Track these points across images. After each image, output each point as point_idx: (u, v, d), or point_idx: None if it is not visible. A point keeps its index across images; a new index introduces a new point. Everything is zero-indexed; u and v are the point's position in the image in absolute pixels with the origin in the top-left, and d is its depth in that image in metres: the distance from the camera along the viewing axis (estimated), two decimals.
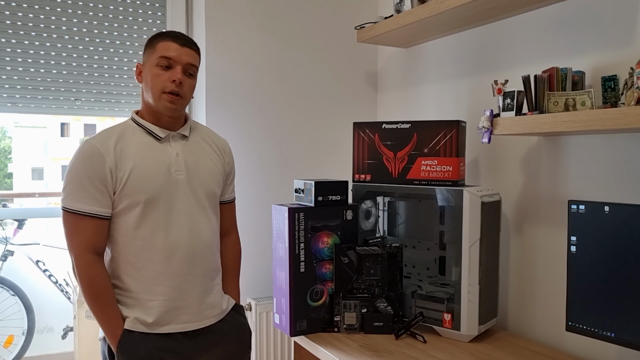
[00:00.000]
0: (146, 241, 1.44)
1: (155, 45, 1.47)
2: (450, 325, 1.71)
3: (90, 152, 1.41)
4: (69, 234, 1.41)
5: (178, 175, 1.49)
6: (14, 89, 2.12)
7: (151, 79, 1.45)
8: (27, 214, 3.56)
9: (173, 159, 1.49)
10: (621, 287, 1.34)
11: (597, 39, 1.60)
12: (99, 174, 1.40)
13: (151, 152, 1.47)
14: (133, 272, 1.45)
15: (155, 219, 1.45)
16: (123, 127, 1.50)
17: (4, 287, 3.25)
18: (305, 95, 2.48)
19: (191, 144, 1.56)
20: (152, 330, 1.45)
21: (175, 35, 1.48)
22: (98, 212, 1.41)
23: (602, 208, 1.38)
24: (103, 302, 1.42)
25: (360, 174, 1.96)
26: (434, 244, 1.91)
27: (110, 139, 1.45)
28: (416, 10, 1.95)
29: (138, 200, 1.43)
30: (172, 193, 1.47)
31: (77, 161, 1.42)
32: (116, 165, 1.42)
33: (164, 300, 1.46)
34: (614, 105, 1.43)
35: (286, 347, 2.35)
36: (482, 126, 1.66)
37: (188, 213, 1.49)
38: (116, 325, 1.42)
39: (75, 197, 1.40)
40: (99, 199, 1.41)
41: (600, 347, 1.60)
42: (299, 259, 1.76)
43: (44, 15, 2.15)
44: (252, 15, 2.34)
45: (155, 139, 1.49)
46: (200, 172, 1.54)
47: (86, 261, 1.40)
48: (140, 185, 1.43)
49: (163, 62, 1.45)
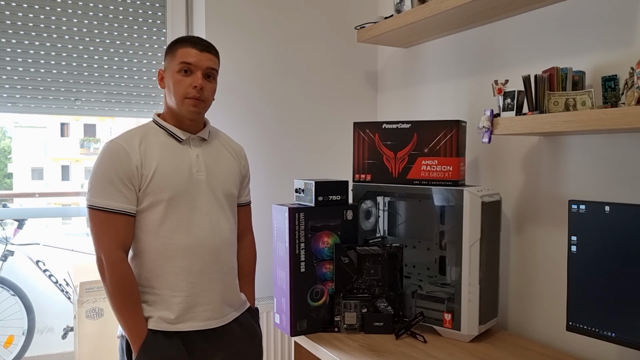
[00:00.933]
0: (169, 238, 1.48)
1: (176, 51, 1.50)
2: (451, 325, 1.71)
3: (117, 151, 1.45)
4: (99, 232, 1.43)
5: (199, 175, 1.53)
6: (14, 89, 2.12)
7: (173, 85, 1.49)
8: (27, 214, 3.56)
9: (194, 160, 1.54)
10: (622, 286, 1.34)
11: (597, 39, 1.60)
12: (126, 171, 1.44)
13: (173, 152, 1.52)
14: (156, 269, 1.48)
15: (178, 216, 1.48)
16: (145, 128, 1.54)
17: (4, 287, 3.25)
18: (305, 95, 2.48)
19: (210, 147, 1.61)
20: (174, 327, 1.47)
21: (194, 41, 1.51)
22: (127, 209, 1.44)
23: (602, 208, 1.38)
24: (131, 300, 1.44)
25: (360, 173, 1.96)
26: (434, 244, 1.91)
27: (134, 139, 1.49)
28: (416, 10, 1.95)
29: (162, 198, 1.46)
30: (193, 192, 1.51)
31: (104, 160, 1.45)
32: (142, 163, 1.46)
33: (186, 296, 1.49)
34: (614, 105, 1.43)
35: (286, 347, 2.35)
36: (483, 126, 1.66)
37: (209, 212, 1.54)
38: (142, 325, 1.44)
39: (105, 195, 1.42)
40: (128, 196, 1.44)
41: (600, 347, 1.60)
42: (299, 258, 1.76)
43: (44, 16, 2.15)
44: (252, 16, 2.34)
45: (177, 140, 1.54)
46: (219, 173, 1.59)
47: (118, 258, 1.42)
48: (165, 184, 1.47)
49: (184, 68, 1.48)
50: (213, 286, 1.54)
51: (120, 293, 1.42)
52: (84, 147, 18.95)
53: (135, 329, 1.43)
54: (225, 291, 1.57)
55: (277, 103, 2.41)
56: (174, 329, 1.47)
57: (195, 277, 1.50)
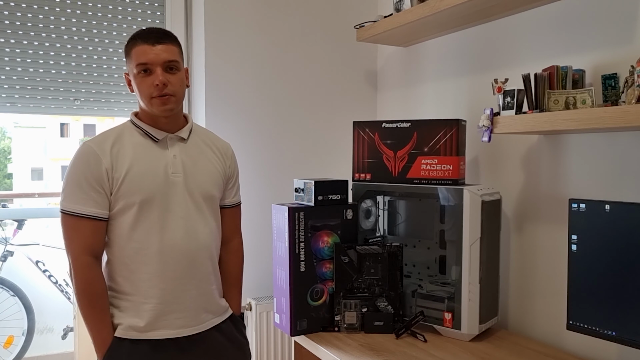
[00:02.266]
0: (141, 243, 1.43)
1: (131, 52, 1.44)
2: (451, 325, 1.71)
3: (87, 154, 1.41)
4: (67, 236, 1.41)
5: (175, 177, 1.47)
6: (13, 89, 2.12)
7: (137, 87, 1.45)
8: (27, 215, 3.56)
9: (170, 161, 1.48)
10: (622, 285, 1.34)
11: (597, 37, 1.60)
12: (95, 174, 1.40)
13: (148, 153, 1.46)
14: (127, 275, 1.44)
15: (151, 220, 1.43)
16: (121, 128, 1.50)
17: (4, 287, 3.25)
18: (304, 95, 2.47)
19: (190, 147, 1.54)
20: (144, 335, 1.42)
21: (145, 36, 1.43)
22: (95, 213, 1.41)
23: (602, 207, 1.38)
24: (97, 306, 1.40)
25: (360, 173, 1.96)
26: (434, 243, 1.91)
27: (107, 141, 1.44)
28: (416, 9, 1.95)
29: (133, 201, 1.41)
30: (168, 195, 1.45)
31: (75, 163, 1.42)
32: (112, 166, 1.41)
33: (158, 303, 1.44)
34: (614, 104, 1.43)
35: (286, 347, 2.35)
36: (482, 125, 1.65)
37: (185, 215, 1.47)
38: (106, 332, 1.41)
39: (73, 199, 1.40)
40: (97, 200, 1.40)
41: (600, 345, 1.60)
42: (299, 258, 1.76)
43: (43, 15, 2.14)
44: (252, 15, 2.33)
45: (153, 140, 1.48)
46: (198, 174, 1.52)
47: (83, 263, 1.39)
48: (136, 187, 1.42)
49: (142, 69, 1.42)
50: (187, 293, 1.47)
51: (85, 298, 1.39)
52: None
53: (99, 336, 1.40)
54: (202, 297, 1.51)
55: (277, 102, 2.41)
56: (143, 337, 1.42)
57: (168, 284, 1.45)
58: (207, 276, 1.53)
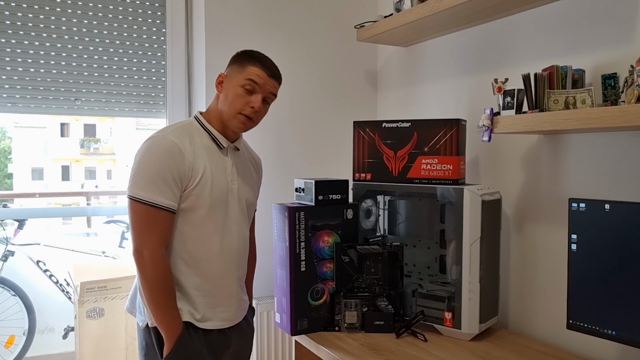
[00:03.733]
0: (203, 242, 1.50)
1: (245, 66, 1.51)
2: (451, 324, 1.71)
3: (172, 148, 1.44)
4: (144, 226, 1.42)
5: (232, 184, 1.57)
6: (14, 89, 2.12)
7: (233, 97, 1.50)
8: (28, 214, 3.56)
9: (229, 169, 1.57)
10: (622, 285, 1.34)
11: (597, 37, 1.60)
12: (180, 169, 1.43)
13: (216, 158, 1.54)
14: (183, 269, 1.50)
15: (214, 222, 1.51)
16: (190, 128, 1.53)
17: (5, 287, 3.25)
18: (305, 94, 2.47)
19: (241, 157, 1.65)
20: (199, 324, 1.51)
21: (266, 64, 1.53)
22: (173, 206, 1.44)
23: (602, 206, 1.38)
24: (170, 296, 1.45)
25: (360, 173, 1.96)
26: (435, 243, 1.91)
27: (184, 138, 1.48)
28: (416, 9, 1.95)
29: (204, 202, 1.48)
30: (228, 200, 1.55)
31: (157, 154, 1.43)
32: (193, 164, 1.46)
33: (210, 297, 1.53)
34: (614, 103, 1.43)
35: (287, 346, 2.35)
36: (483, 125, 1.66)
37: (238, 220, 1.58)
38: (178, 320, 1.46)
39: (154, 190, 1.41)
40: (176, 193, 1.44)
41: (601, 345, 1.60)
42: (300, 258, 1.76)
43: (44, 16, 2.15)
44: (252, 15, 2.34)
45: (218, 146, 1.56)
46: (246, 183, 1.64)
47: (162, 255, 1.43)
48: (209, 188, 1.48)
49: (248, 86, 1.49)
50: (233, 290, 1.59)
51: (161, 289, 1.43)
52: (84, 147, 18.94)
53: (172, 324, 1.45)
54: (240, 294, 1.63)
55: (277, 102, 2.40)
56: (199, 325, 1.51)
57: (220, 281, 1.55)
58: (244, 275, 1.67)
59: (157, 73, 2.37)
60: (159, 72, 2.37)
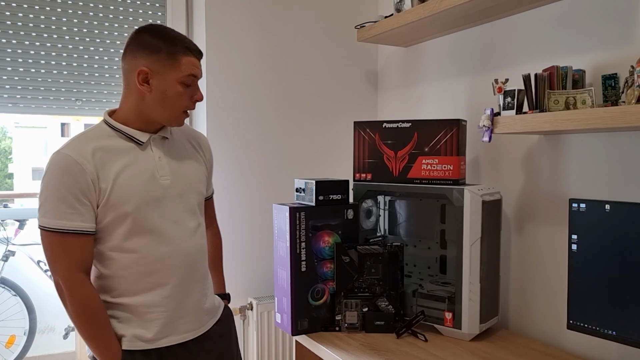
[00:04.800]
0: (138, 253, 1.34)
1: (180, 59, 1.33)
2: (452, 324, 1.71)
3: (67, 164, 1.27)
4: (53, 254, 1.29)
5: (163, 180, 1.38)
6: (14, 89, 2.12)
7: (174, 96, 1.34)
8: (29, 214, 3.56)
9: (156, 164, 1.39)
10: (622, 285, 1.34)
11: (597, 37, 1.60)
12: (81, 186, 1.27)
13: (133, 158, 1.35)
14: (126, 287, 1.35)
15: (145, 229, 1.34)
16: (97, 132, 1.36)
17: (6, 287, 3.26)
18: (305, 95, 2.48)
19: (173, 145, 1.45)
20: (152, 345, 1.37)
21: (194, 49, 1.37)
22: (83, 228, 1.29)
23: (603, 206, 1.38)
24: (99, 324, 1.31)
25: (361, 173, 1.96)
26: (435, 243, 1.92)
27: (85, 148, 1.31)
28: (416, 9, 1.95)
29: (125, 211, 1.31)
30: (159, 200, 1.37)
31: (54, 175, 1.28)
32: (97, 175, 1.29)
33: (163, 311, 1.38)
34: (614, 104, 1.43)
35: (287, 347, 2.35)
36: (483, 125, 1.66)
37: (178, 219, 1.40)
38: (115, 347, 1.33)
39: (57, 215, 1.27)
40: (83, 213, 1.29)
41: (601, 345, 1.60)
42: (300, 258, 1.77)
43: (45, 16, 2.15)
44: (253, 15, 2.34)
45: (136, 144, 1.38)
46: (186, 174, 1.45)
47: (77, 281, 1.29)
48: (126, 195, 1.31)
49: (188, 81, 1.35)
50: (191, 297, 1.43)
51: (86, 318, 1.29)
52: None
53: (109, 353, 1.31)
54: (202, 300, 1.47)
55: (277, 102, 2.41)
56: (151, 346, 1.37)
57: (171, 291, 1.38)
58: (205, 277, 1.50)
59: None
60: None
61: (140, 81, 1.33)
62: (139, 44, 1.34)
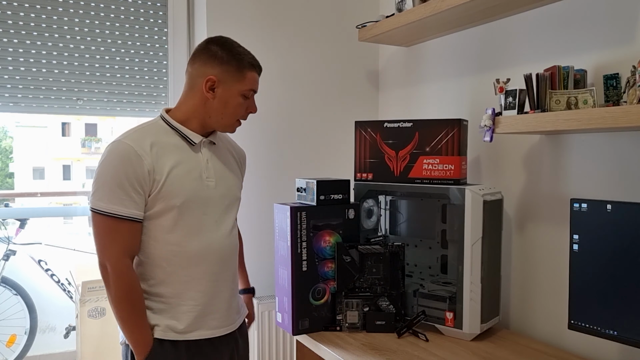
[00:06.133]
0: (179, 246, 1.43)
1: (245, 73, 1.47)
2: (453, 324, 1.71)
3: (128, 153, 1.36)
4: (105, 238, 1.36)
5: (209, 182, 1.49)
6: (16, 88, 2.12)
7: (234, 106, 1.48)
8: (29, 214, 3.57)
9: (204, 166, 1.49)
10: (623, 285, 1.34)
11: (599, 37, 1.60)
12: (138, 175, 1.36)
13: (185, 156, 1.46)
14: (164, 277, 1.43)
15: (189, 224, 1.43)
16: (155, 127, 1.46)
17: (7, 286, 3.26)
18: (306, 94, 2.48)
19: (218, 151, 1.56)
20: (182, 337, 1.43)
21: (259, 67, 1.52)
22: (136, 215, 1.37)
23: (604, 206, 1.38)
24: (137, 310, 1.39)
25: (362, 172, 1.96)
26: (436, 243, 1.92)
27: (145, 140, 1.40)
28: (417, 9, 1.95)
29: (173, 204, 1.40)
30: (203, 199, 1.47)
31: (113, 162, 1.36)
32: (154, 167, 1.38)
33: (196, 305, 1.45)
34: (616, 104, 1.43)
35: (288, 346, 2.35)
36: (484, 125, 1.66)
37: (218, 219, 1.50)
38: (148, 334, 1.40)
39: (113, 200, 1.35)
40: (137, 201, 1.37)
41: (602, 345, 1.60)
42: (301, 257, 1.77)
43: (46, 15, 2.15)
44: (254, 15, 2.34)
45: (189, 144, 1.48)
46: (227, 179, 1.55)
47: (125, 266, 1.37)
48: (177, 189, 1.41)
49: (248, 94, 1.48)
50: (222, 294, 1.51)
51: (127, 302, 1.37)
52: (85, 146, 18.94)
53: (141, 340, 1.39)
54: (232, 298, 1.55)
55: (279, 102, 2.41)
56: (181, 338, 1.43)
57: (206, 286, 1.47)
58: (235, 276, 1.58)
59: (159, 73, 2.37)
60: (161, 72, 2.37)
61: (207, 88, 1.45)
62: (210, 53, 1.47)
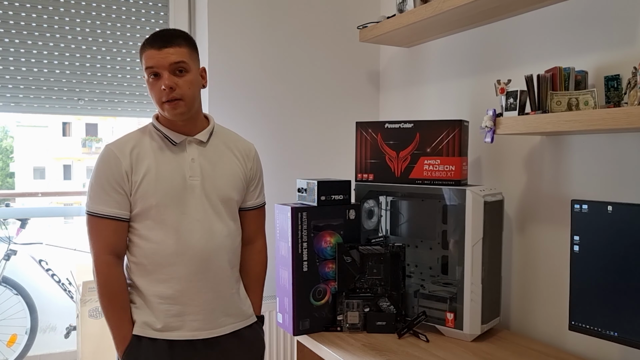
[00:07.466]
0: (158, 244, 1.46)
1: (142, 56, 1.45)
2: (453, 325, 1.71)
3: (108, 156, 1.46)
4: (90, 235, 1.46)
5: (192, 180, 1.49)
6: (17, 88, 2.13)
7: (149, 91, 1.47)
8: (30, 214, 3.57)
9: (188, 164, 1.49)
10: (624, 286, 1.34)
11: (600, 39, 1.60)
12: (116, 176, 1.44)
13: (166, 157, 1.49)
14: (145, 274, 1.47)
15: (167, 223, 1.46)
16: (143, 131, 1.53)
17: (7, 286, 3.26)
18: (307, 95, 2.48)
19: (210, 149, 1.54)
20: (160, 335, 1.45)
21: (152, 40, 1.42)
22: (116, 214, 1.45)
23: (605, 208, 1.38)
24: (116, 304, 1.45)
25: (362, 173, 1.96)
26: (437, 244, 1.92)
27: (128, 144, 1.48)
28: (418, 9, 1.95)
29: (150, 203, 1.45)
30: (184, 198, 1.47)
31: (97, 166, 1.47)
32: (131, 168, 1.45)
33: (173, 304, 1.46)
34: (617, 105, 1.43)
35: (289, 346, 2.35)
36: (485, 126, 1.66)
37: (201, 218, 1.48)
38: (126, 329, 1.45)
39: (96, 201, 1.45)
40: (118, 201, 1.45)
41: (603, 346, 1.60)
42: (302, 258, 1.77)
43: (47, 15, 2.15)
44: (255, 15, 2.34)
45: (171, 144, 1.50)
46: (217, 177, 1.52)
47: (103, 262, 1.44)
48: (152, 190, 1.45)
49: (151, 73, 1.43)
50: (202, 295, 1.48)
51: (105, 296, 1.44)
52: (86, 146, 18.97)
53: (118, 333, 1.44)
54: (219, 300, 1.51)
55: (280, 102, 2.42)
56: (160, 336, 1.45)
57: (183, 285, 1.46)
58: (225, 279, 1.53)
59: None
60: None
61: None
62: None
